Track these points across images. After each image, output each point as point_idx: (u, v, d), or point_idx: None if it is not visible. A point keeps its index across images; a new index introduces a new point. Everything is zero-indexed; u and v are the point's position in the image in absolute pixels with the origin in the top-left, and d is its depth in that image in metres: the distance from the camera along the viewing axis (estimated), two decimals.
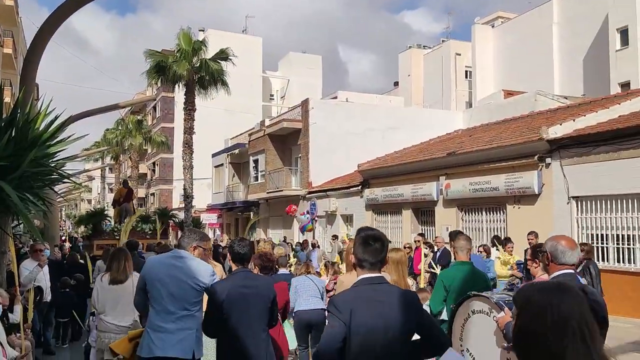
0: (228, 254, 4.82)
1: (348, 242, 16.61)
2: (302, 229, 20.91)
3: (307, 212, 17.39)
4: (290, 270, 8.73)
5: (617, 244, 11.42)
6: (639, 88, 16.31)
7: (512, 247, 10.30)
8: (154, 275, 4.19)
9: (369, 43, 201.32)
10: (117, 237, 13.28)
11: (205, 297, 4.26)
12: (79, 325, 9.60)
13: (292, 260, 9.22)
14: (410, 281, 6.32)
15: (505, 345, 2.29)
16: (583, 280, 4.76)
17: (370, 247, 2.88)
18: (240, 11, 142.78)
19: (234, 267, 4.22)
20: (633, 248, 11.20)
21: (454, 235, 5.16)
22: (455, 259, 5.24)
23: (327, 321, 2.95)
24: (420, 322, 2.83)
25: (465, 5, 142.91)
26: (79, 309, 9.63)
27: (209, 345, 4.81)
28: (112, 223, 18.96)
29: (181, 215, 24.61)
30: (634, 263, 10.98)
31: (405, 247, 12.07)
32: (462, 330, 4.02)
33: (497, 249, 10.82)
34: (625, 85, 24.53)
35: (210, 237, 31.40)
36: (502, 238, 11.73)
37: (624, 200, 11.33)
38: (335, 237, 18.18)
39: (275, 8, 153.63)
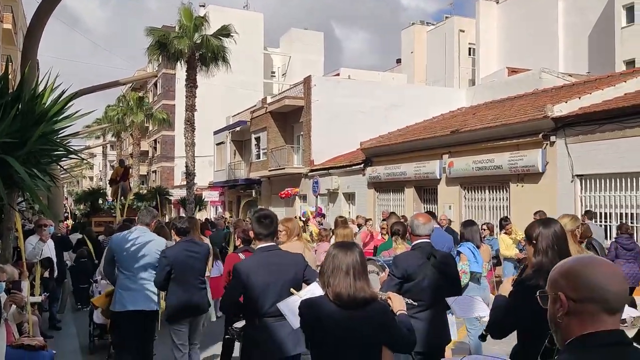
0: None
1: (311, 218, 16.66)
2: (303, 215, 20.96)
3: (318, 214, 17.96)
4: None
5: (621, 222, 11.42)
6: None
7: (511, 227, 10.22)
8: (121, 246, 5.22)
9: (362, 20, 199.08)
10: (114, 215, 13.36)
11: None
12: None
13: None
14: None
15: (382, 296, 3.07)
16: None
17: (263, 223, 3.87)
18: None
19: (178, 239, 5.45)
20: (636, 226, 11.22)
21: (388, 215, 6.90)
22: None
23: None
24: (305, 274, 3.80)
25: None
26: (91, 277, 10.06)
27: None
28: (111, 201, 19.06)
29: (183, 192, 24.64)
30: (637, 241, 10.99)
31: (407, 226, 12.07)
32: None
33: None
34: (630, 63, 24.27)
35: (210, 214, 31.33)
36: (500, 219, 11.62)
37: (628, 179, 11.31)
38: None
39: None
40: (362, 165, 20.44)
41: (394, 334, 2.77)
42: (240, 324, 4.28)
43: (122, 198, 14.67)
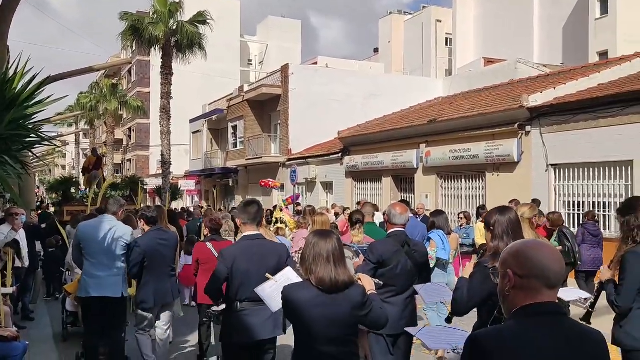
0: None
1: (284, 208, 16.69)
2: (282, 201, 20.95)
3: (292, 200, 18.02)
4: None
5: (588, 210, 11.66)
6: (618, 57, 16.41)
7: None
8: (88, 235, 5.32)
9: (339, 9, 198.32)
10: (86, 204, 13.17)
11: None
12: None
13: None
14: None
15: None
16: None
17: (249, 208, 4.04)
18: None
19: (147, 228, 5.61)
20: (608, 215, 11.47)
21: (363, 204, 6.82)
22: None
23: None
24: (285, 263, 3.90)
25: None
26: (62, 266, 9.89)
27: None
28: (84, 190, 18.75)
29: (159, 181, 24.35)
30: (608, 229, 11.24)
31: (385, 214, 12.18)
32: None
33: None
34: (603, 54, 24.66)
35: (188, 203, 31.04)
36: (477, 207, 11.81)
37: (601, 168, 11.54)
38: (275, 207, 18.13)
39: None
40: (340, 155, 20.45)
41: (371, 313, 2.97)
42: (218, 307, 4.46)
43: (95, 187, 14.46)
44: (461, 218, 10.36)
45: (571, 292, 4.81)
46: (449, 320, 3.62)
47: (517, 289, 1.78)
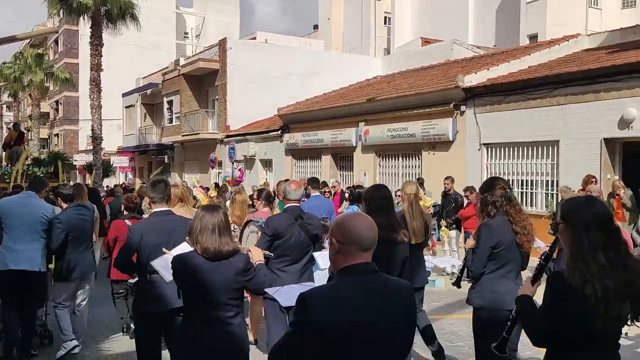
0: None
1: (197, 187, 16.62)
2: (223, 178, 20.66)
3: (233, 182, 17.76)
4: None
5: (522, 188, 12.21)
6: (547, 40, 17.08)
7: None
8: (8, 209, 5.41)
9: None
10: (8, 181, 12.49)
11: None
12: None
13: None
14: None
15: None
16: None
17: (157, 187, 4.13)
18: None
19: (65, 205, 5.83)
20: (535, 192, 12.05)
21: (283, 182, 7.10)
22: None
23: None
24: None
25: None
26: None
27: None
28: (6, 167, 17.67)
29: (89, 157, 23.31)
30: (535, 206, 11.82)
31: (325, 192, 12.26)
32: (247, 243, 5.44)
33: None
34: (533, 38, 25.54)
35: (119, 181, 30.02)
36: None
37: (529, 148, 12.06)
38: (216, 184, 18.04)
39: None
40: (279, 132, 20.29)
41: (254, 279, 3.25)
42: (133, 280, 4.64)
43: (18, 164, 13.66)
44: (398, 196, 10.53)
45: (446, 260, 5.52)
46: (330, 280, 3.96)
47: (340, 253, 2.11)
